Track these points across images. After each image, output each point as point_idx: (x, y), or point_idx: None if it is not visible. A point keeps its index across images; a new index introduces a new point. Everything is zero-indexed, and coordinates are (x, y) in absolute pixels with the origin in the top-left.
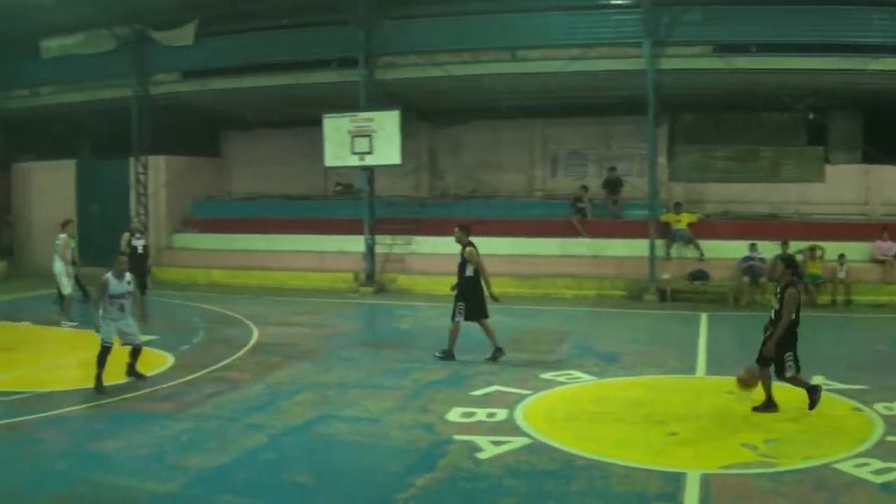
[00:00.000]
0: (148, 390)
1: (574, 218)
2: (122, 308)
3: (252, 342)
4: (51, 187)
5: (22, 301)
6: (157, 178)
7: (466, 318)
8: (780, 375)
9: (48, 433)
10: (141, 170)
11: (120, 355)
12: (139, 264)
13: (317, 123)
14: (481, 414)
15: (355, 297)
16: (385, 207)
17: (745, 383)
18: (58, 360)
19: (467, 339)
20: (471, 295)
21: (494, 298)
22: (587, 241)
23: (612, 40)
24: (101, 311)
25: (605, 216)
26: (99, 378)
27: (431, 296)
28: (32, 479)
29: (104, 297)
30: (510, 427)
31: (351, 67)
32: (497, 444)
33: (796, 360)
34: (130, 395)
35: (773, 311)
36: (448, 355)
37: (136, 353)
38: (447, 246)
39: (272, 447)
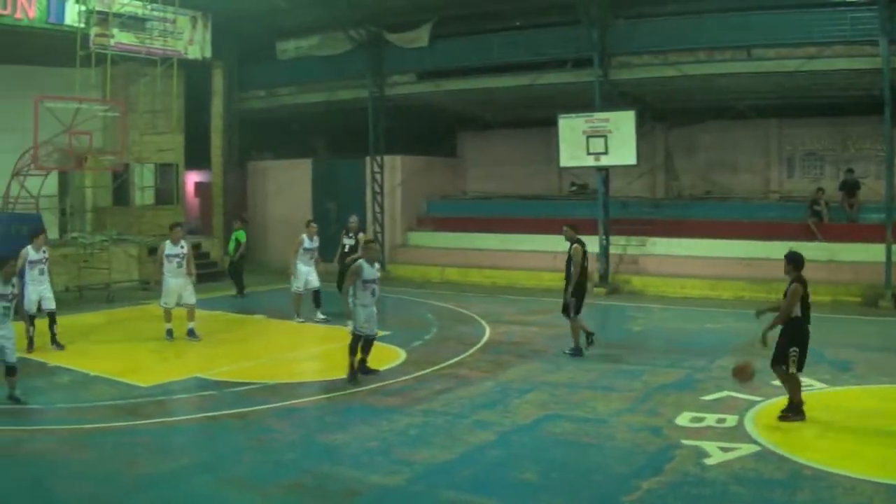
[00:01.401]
0: (378, 385)
1: (810, 221)
2: (374, 293)
3: (484, 340)
4: (287, 185)
5: (257, 295)
6: (392, 177)
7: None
8: (776, 366)
9: (278, 423)
10: (377, 169)
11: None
12: (342, 261)
13: (551, 124)
14: (711, 419)
15: (588, 298)
16: (619, 208)
17: (739, 374)
18: (289, 353)
19: (697, 339)
20: (578, 290)
21: (566, 300)
22: (823, 244)
23: (847, 38)
24: (350, 298)
25: (841, 219)
26: (353, 367)
27: (665, 298)
28: (262, 468)
29: (357, 282)
30: (739, 433)
31: (585, 68)
32: (725, 450)
33: (801, 359)
34: (361, 388)
35: None
36: (579, 350)
37: (368, 346)
38: (682, 248)
39: (499, 445)
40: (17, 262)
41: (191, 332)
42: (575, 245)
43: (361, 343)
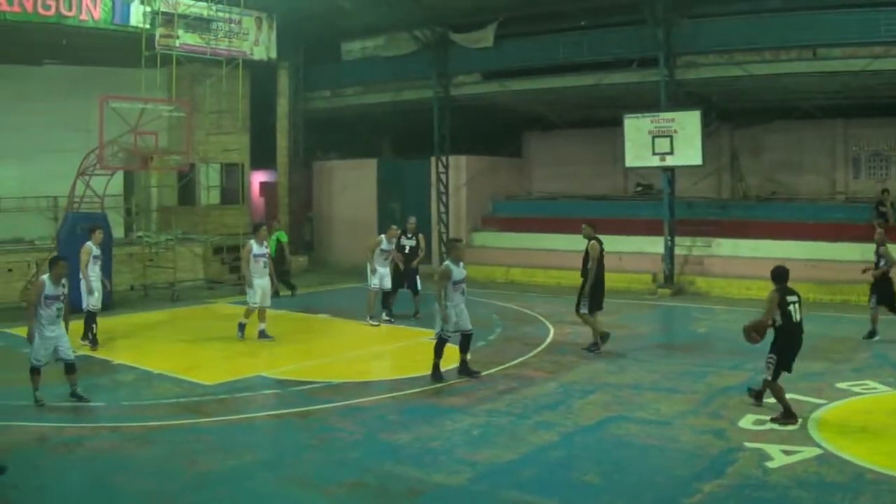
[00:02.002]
0: (442, 385)
1: (876, 222)
2: (463, 293)
3: (548, 341)
4: (352, 185)
5: (321, 294)
6: (457, 177)
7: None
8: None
9: (341, 422)
10: (442, 169)
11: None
12: (406, 262)
13: (616, 124)
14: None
15: (653, 299)
16: (685, 208)
17: (750, 333)
18: (352, 352)
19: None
20: (594, 287)
21: (584, 295)
22: (890, 246)
23: None
24: (443, 301)
25: None
26: (437, 367)
27: (729, 299)
28: (324, 467)
29: (448, 284)
30: (802, 437)
31: (651, 67)
32: (787, 453)
33: (777, 366)
34: (424, 388)
35: None
36: (596, 346)
37: (466, 342)
38: (748, 249)
39: (562, 446)
40: (83, 258)
41: (262, 333)
42: (592, 242)
43: (459, 340)
